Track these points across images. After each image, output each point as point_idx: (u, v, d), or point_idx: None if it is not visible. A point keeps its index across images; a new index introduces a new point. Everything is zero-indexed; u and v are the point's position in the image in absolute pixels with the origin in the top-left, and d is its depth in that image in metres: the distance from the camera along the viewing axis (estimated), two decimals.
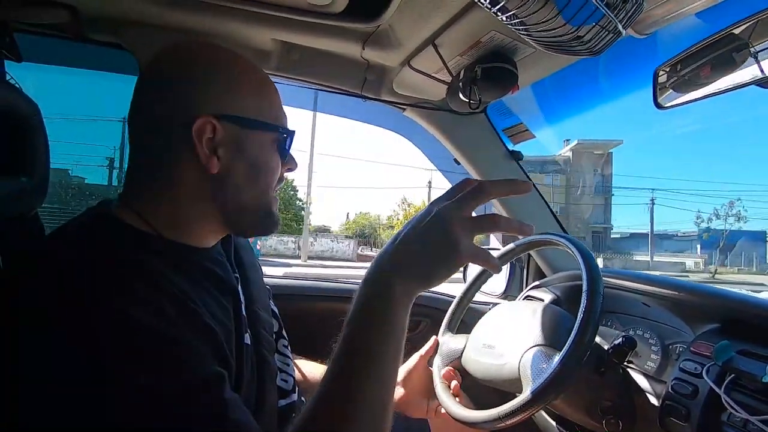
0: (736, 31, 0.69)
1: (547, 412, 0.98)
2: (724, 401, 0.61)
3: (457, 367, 0.87)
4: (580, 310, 0.66)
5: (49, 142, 0.72)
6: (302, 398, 0.74)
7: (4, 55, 0.83)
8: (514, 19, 0.49)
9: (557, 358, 0.65)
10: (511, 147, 1.20)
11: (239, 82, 0.57)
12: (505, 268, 1.26)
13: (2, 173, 0.69)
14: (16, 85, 0.81)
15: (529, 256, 1.29)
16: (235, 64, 0.58)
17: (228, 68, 0.57)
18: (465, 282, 1.07)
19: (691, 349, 0.72)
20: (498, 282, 1.32)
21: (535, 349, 0.72)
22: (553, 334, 0.74)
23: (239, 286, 0.65)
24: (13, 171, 0.70)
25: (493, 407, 0.69)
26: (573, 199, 29.17)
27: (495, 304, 1.00)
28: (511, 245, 0.98)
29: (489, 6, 0.50)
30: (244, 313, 0.62)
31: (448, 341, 0.92)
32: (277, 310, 0.78)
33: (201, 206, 0.56)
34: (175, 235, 0.55)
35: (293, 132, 0.61)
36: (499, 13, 0.49)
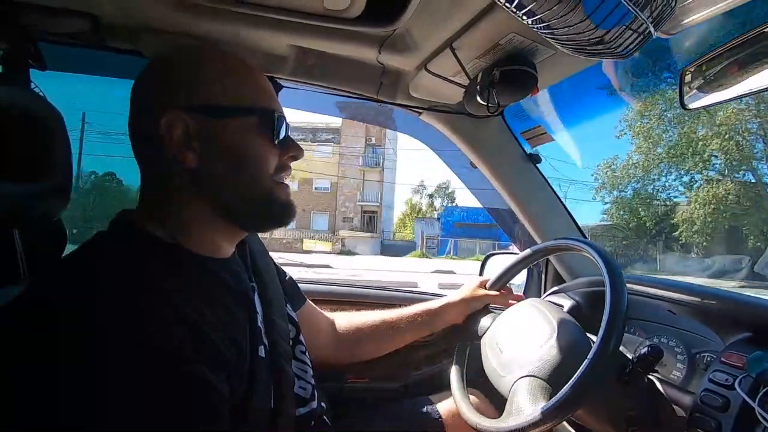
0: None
1: (567, 421, 0.96)
2: (758, 415, 0.59)
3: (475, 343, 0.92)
4: (599, 333, 0.65)
5: None
6: (322, 404, 0.73)
7: (30, 63, 0.85)
8: (539, 23, 0.48)
9: (540, 406, 0.63)
10: (528, 150, 1.18)
11: (204, 70, 0.56)
12: (523, 273, 1.24)
13: (25, 178, 0.70)
14: (41, 93, 0.83)
15: (548, 260, 1.27)
16: (202, 55, 0.58)
17: (193, 60, 0.57)
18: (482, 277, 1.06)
19: (722, 359, 0.69)
20: (514, 286, 1.30)
21: (531, 380, 0.70)
22: (557, 366, 0.70)
23: (256, 295, 0.65)
24: (37, 176, 0.71)
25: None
26: (343, 173, 25.32)
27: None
28: (528, 251, 0.97)
29: (514, 9, 0.49)
30: (259, 324, 0.61)
31: (479, 317, 0.95)
32: (295, 316, 0.77)
33: (194, 205, 0.56)
34: (191, 244, 0.55)
35: (276, 114, 0.58)
36: (524, 17, 0.48)
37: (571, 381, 0.62)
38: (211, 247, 0.58)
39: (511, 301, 0.98)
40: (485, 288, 1.01)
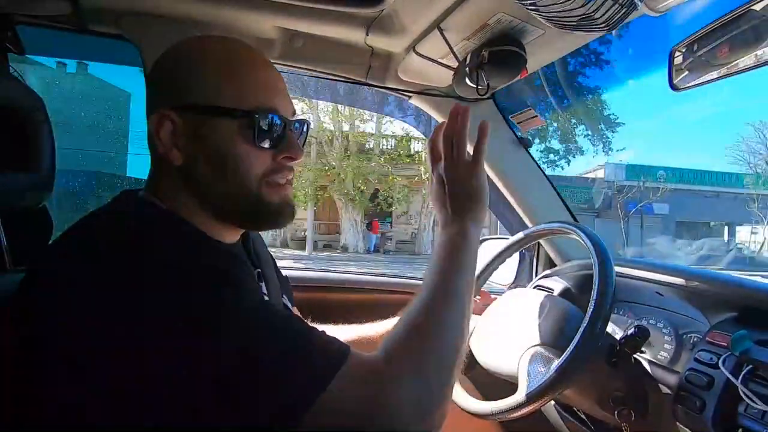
0: (756, 8, 0.66)
1: (556, 402, 0.97)
2: (741, 392, 0.60)
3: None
4: (587, 314, 0.65)
5: None
6: None
7: (8, 48, 0.83)
8: None
9: (555, 364, 0.64)
10: (519, 134, 1.17)
11: (200, 68, 0.54)
12: (515, 257, 1.24)
13: (7, 167, 0.69)
14: (20, 79, 0.81)
15: (539, 244, 1.27)
16: (199, 50, 0.56)
17: (188, 56, 0.56)
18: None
19: (707, 338, 0.70)
20: (506, 271, 1.30)
21: (537, 349, 0.71)
22: (558, 334, 0.72)
23: (262, 282, 0.65)
24: (19, 165, 0.70)
25: (498, 395, 0.70)
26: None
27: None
28: (520, 234, 0.96)
29: None
30: None
31: None
32: (290, 305, 0.77)
33: (187, 199, 0.56)
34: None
35: (269, 114, 0.54)
36: None
37: (558, 361, 0.64)
38: (215, 234, 0.57)
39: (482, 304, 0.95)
40: None
